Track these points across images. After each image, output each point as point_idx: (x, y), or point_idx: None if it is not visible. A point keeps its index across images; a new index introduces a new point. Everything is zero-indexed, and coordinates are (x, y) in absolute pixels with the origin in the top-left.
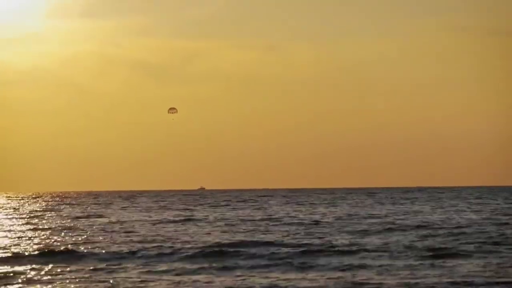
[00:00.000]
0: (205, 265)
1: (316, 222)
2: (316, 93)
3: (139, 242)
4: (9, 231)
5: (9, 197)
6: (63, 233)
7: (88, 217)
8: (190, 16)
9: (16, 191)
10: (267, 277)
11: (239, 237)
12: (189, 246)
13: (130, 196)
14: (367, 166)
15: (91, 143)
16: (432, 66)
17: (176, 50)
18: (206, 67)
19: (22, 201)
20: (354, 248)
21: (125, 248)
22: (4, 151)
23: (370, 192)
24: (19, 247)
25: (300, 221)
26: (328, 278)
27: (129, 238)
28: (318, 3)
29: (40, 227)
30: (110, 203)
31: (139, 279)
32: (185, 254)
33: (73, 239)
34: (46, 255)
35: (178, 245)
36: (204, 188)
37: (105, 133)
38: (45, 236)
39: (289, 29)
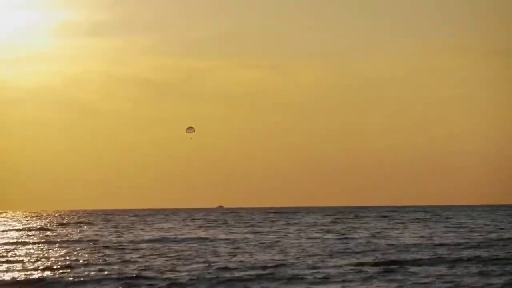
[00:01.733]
0: None
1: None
2: (321, 111)
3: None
4: None
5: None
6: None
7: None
8: (196, 35)
9: (24, 209)
10: None
11: None
12: None
13: (169, 213)
14: (374, 184)
15: (98, 162)
16: (441, 85)
17: (183, 69)
18: (212, 85)
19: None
20: None
21: None
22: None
23: (390, 211)
24: None
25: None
26: None
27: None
28: (323, 21)
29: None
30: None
31: None
32: None
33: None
34: None
35: None
36: (222, 206)
37: (112, 151)
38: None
39: (294, 48)
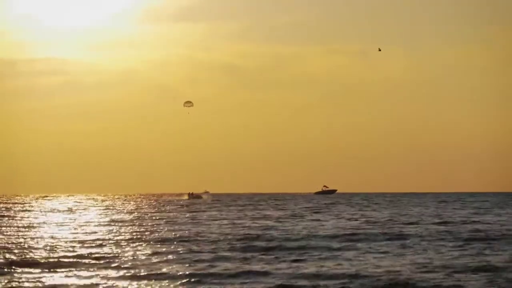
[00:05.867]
0: None
1: None
2: (407, 99)
3: None
4: None
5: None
6: None
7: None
8: (281, 21)
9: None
10: None
11: None
12: None
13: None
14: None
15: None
16: None
17: (267, 55)
18: (297, 72)
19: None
20: None
21: None
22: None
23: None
24: None
25: None
26: None
27: None
28: (406, 7)
29: None
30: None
31: None
32: None
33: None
34: None
35: None
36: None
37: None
38: None
39: (377, 34)
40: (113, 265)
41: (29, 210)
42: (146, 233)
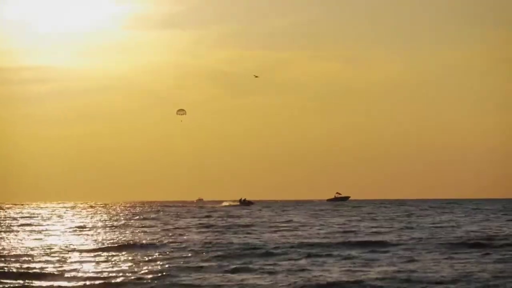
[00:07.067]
0: None
1: None
2: (397, 105)
3: None
4: None
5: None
6: None
7: None
8: (271, 27)
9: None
10: None
11: None
12: None
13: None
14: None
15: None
16: None
17: (256, 61)
18: (287, 77)
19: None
20: None
21: None
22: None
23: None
24: None
25: None
26: None
27: None
28: (400, 13)
29: None
30: None
31: None
32: None
33: None
34: None
35: None
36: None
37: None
38: None
39: (367, 39)
40: None
41: None
42: None
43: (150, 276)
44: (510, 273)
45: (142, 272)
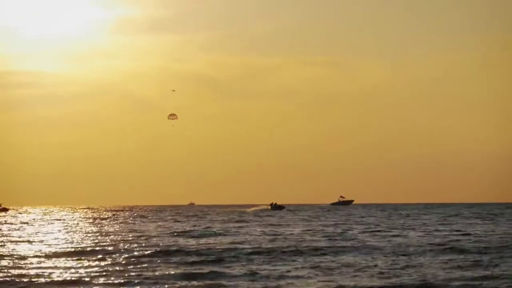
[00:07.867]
0: None
1: None
2: (384, 109)
3: None
4: None
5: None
6: None
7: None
8: (257, 32)
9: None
10: None
11: None
12: None
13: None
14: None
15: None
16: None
17: (243, 66)
18: (273, 83)
19: None
20: None
21: None
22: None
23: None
24: None
25: None
26: None
27: None
28: (387, 18)
29: None
30: None
31: None
32: None
33: None
34: None
35: None
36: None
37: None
38: None
39: (355, 45)
40: None
41: None
42: None
43: None
44: None
45: None
